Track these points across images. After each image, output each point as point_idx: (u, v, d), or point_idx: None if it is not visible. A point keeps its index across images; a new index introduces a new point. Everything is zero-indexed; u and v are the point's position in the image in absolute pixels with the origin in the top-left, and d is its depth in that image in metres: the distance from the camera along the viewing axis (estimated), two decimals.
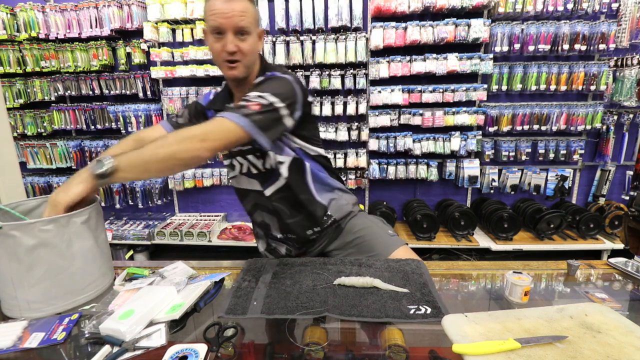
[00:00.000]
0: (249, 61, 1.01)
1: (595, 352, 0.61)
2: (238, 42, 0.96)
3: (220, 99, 1.14)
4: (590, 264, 1.03)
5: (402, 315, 0.75)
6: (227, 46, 0.95)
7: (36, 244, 0.76)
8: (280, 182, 1.10)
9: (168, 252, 3.13)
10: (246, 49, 0.97)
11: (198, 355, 0.64)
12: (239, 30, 0.95)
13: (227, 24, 0.94)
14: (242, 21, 0.94)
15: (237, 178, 1.19)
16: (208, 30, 0.99)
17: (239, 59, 0.98)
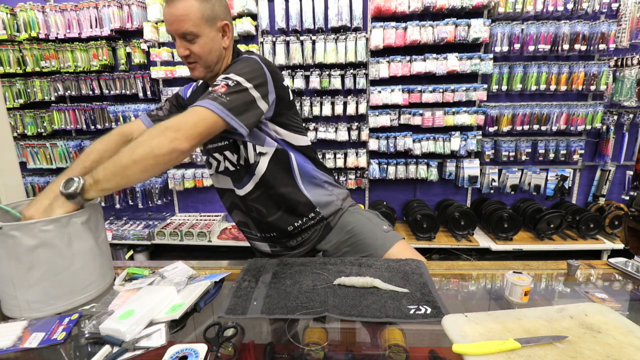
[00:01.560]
0: (206, 61, 0.99)
1: (595, 352, 0.61)
2: (188, 46, 0.96)
3: (198, 93, 1.13)
4: (590, 264, 1.03)
5: (402, 315, 0.75)
6: (179, 51, 0.97)
7: (36, 244, 0.76)
8: (255, 179, 1.06)
9: (168, 252, 3.13)
10: (197, 51, 0.96)
11: (198, 355, 0.64)
12: (184, 34, 0.94)
13: (172, 30, 0.95)
14: (184, 26, 0.93)
15: (214, 176, 1.17)
16: None
17: (195, 60, 0.98)
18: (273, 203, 1.11)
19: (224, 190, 1.17)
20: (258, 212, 1.12)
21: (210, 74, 1.03)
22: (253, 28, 2.68)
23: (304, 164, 1.12)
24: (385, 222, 1.21)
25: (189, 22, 0.92)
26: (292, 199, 1.10)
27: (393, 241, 1.11)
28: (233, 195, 1.14)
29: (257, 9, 2.68)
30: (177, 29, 0.93)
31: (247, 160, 1.04)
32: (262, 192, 1.09)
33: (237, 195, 1.12)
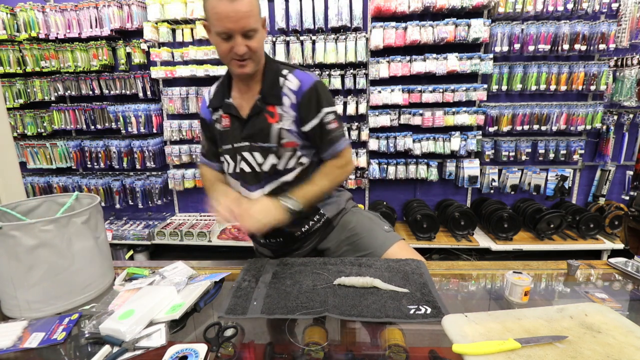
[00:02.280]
0: (259, 56, 1.00)
1: (595, 352, 0.61)
2: (247, 43, 0.94)
3: (219, 95, 1.13)
4: (590, 264, 1.03)
5: (402, 315, 0.75)
6: (237, 49, 0.93)
7: (36, 244, 0.76)
8: (275, 185, 1.09)
9: (168, 252, 3.13)
10: (254, 46, 0.96)
11: (198, 355, 0.64)
12: (248, 31, 0.92)
13: (236, 28, 0.91)
14: (250, 22, 0.91)
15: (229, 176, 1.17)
16: (212, 30, 0.95)
17: (249, 57, 0.97)
18: None
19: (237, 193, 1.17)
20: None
21: (256, 69, 1.03)
22: None
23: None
24: (386, 223, 1.23)
25: (252, 18, 0.92)
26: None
27: (393, 241, 1.12)
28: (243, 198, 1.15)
29: None
30: (243, 26, 0.91)
31: (275, 166, 1.08)
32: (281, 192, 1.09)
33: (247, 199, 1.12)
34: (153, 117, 2.91)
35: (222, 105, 1.10)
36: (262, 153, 1.07)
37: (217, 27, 0.92)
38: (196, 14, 2.66)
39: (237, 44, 0.93)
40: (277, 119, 1.05)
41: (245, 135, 1.07)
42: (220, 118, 1.12)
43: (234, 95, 1.10)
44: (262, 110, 1.05)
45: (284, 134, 1.05)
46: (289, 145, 1.06)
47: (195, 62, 2.77)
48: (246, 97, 1.08)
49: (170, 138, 2.95)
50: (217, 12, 0.90)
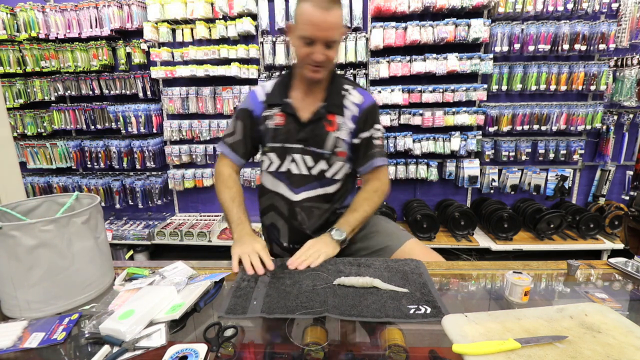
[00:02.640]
0: (332, 65, 1.08)
1: (595, 352, 0.61)
2: (327, 52, 1.00)
3: (277, 93, 1.16)
4: (590, 264, 1.03)
5: (402, 315, 0.75)
6: (316, 55, 0.99)
7: (36, 244, 0.76)
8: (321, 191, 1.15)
9: (168, 252, 3.13)
10: (332, 56, 1.02)
11: (198, 355, 0.64)
12: (332, 42, 0.99)
13: (322, 36, 0.97)
14: (336, 34, 0.99)
15: (265, 174, 1.20)
16: (296, 33, 1.01)
17: (324, 65, 1.03)
18: (320, 214, 1.18)
19: (269, 190, 1.20)
20: (301, 220, 1.17)
21: (325, 76, 1.09)
22: (253, 28, 2.68)
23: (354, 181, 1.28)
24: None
25: (338, 31, 0.99)
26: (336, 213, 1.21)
27: (408, 237, 1.17)
28: (280, 198, 1.18)
29: (257, 9, 2.68)
30: (329, 36, 0.97)
31: (324, 173, 1.14)
32: (317, 202, 1.16)
33: (286, 199, 1.16)
34: (153, 117, 2.91)
35: (281, 103, 1.13)
36: (313, 157, 1.12)
37: (304, 31, 0.97)
38: (196, 14, 2.66)
39: (318, 51, 0.99)
40: (335, 127, 1.11)
41: (301, 138, 1.11)
42: (273, 115, 1.14)
43: (294, 97, 1.14)
44: (322, 118, 1.11)
45: (339, 143, 1.12)
46: (341, 155, 1.13)
47: (195, 62, 2.77)
48: (307, 101, 1.13)
49: (170, 138, 2.95)
50: (308, 18, 0.96)
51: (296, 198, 1.15)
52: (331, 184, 1.16)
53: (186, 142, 2.99)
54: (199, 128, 2.90)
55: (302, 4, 0.98)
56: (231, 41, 2.80)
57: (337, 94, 1.13)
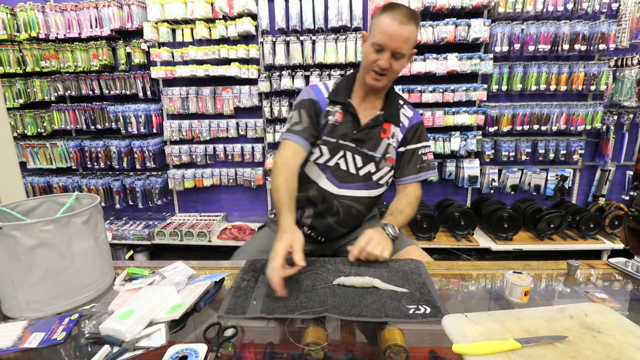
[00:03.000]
0: (394, 77, 1.13)
1: (595, 352, 0.61)
2: (392, 62, 1.06)
3: (342, 92, 1.22)
4: (590, 264, 1.03)
5: (401, 315, 0.75)
6: (381, 62, 1.06)
7: (36, 244, 0.76)
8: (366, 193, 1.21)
9: (168, 252, 3.13)
10: (396, 68, 1.08)
11: (198, 355, 0.64)
12: (398, 53, 1.05)
13: (390, 46, 1.03)
14: (404, 47, 1.04)
15: (311, 165, 1.21)
16: (369, 41, 1.08)
17: (387, 74, 1.09)
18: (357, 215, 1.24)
19: (310, 180, 1.22)
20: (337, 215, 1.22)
21: (384, 87, 1.16)
22: (253, 28, 2.68)
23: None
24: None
25: (408, 44, 1.05)
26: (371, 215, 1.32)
27: (410, 243, 1.21)
28: (318, 189, 1.20)
29: (257, 9, 2.68)
30: (398, 47, 1.04)
31: (370, 175, 1.20)
32: (357, 203, 1.21)
33: (327, 191, 1.19)
34: (153, 117, 2.92)
35: (344, 102, 1.19)
36: (363, 159, 1.18)
37: (377, 38, 1.05)
38: (196, 14, 2.66)
39: (384, 58, 1.05)
40: (389, 135, 1.20)
41: (357, 138, 1.18)
42: (335, 112, 1.20)
43: (354, 100, 1.21)
44: (379, 124, 1.19)
45: (390, 150, 1.20)
46: (390, 161, 1.22)
47: (195, 62, 2.77)
48: (365, 107, 1.21)
49: (170, 138, 2.95)
50: (384, 27, 1.03)
51: (338, 192, 1.19)
52: (375, 187, 1.22)
53: (186, 142, 2.99)
54: (199, 128, 2.91)
55: (383, 14, 1.05)
56: (231, 41, 2.80)
57: (394, 105, 1.22)
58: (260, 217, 3.15)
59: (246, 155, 2.96)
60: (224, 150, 2.98)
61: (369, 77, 1.11)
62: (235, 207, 3.20)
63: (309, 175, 1.22)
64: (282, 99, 2.76)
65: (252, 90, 2.80)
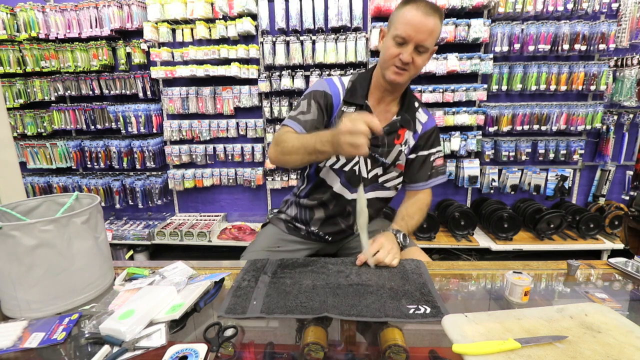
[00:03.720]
0: (415, 73, 1.07)
1: (595, 352, 0.61)
2: (415, 56, 1.01)
3: (358, 94, 1.15)
4: (590, 264, 1.03)
5: (401, 315, 0.75)
6: (403, 55, 1.00)
7: (36, 244, 0.76)
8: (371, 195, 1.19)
9: (168, 252, 3.13)
10: (419, 63, 1.03)
11: (198, 355, 0.64)
12: (422, 46, 1.00)
13: (414, 37, 0.98)
14: (428, 39, 0.99)
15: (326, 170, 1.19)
16: (389, 34, 1.02)
17: (408, 69, 1.03)
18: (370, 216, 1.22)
19: (328, 187, 1.20)
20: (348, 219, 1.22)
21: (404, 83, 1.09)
22: (253, 28, 2.68)
23: None
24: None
25: (432, 37, 1.00)
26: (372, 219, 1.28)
27: (411, 244, 1.19)
28: (332, 193, 1.20)
29: (257, 9, 2.68)
30: (422, 40, 0.98)
31: (377, 177, 1.18)
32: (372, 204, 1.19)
33: (341, 196, 1.19)
34: (153, 117, 2.92)
35: (362, 104, 1.13)
36: (372, 162, 1.16)
37: (399, 30, 0.99)
38: (196, 14, 2.66)
39: (407, 51, 1.00)
40: (402, 141, 1.16)
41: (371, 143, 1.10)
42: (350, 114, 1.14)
43: (370, 101, 1.15)
44: (395, 130, 1.14)
45: (401, 157, 1.16)
46: (399, 167, 1.18)
47: (195, 62, 2.77)
48: (381, 110, 1.15)
49: (170, 138, 2.95)
50: (407, 18, 0.98)
51: (351, 197, 1.18)
52: (382, 189, 1.20)
53: (186, 142, 2.99)
54: (199, 128, 2.91)
55: (406, 6, 1.00)
56: (231, 41, 2.80)
57: (411, 109, 1.17)
58: (261, 217, 3.15)
59: (246, 155, 2.96)
60: (224, 150, 2.98)
61: (390, 72, 1.04)
62: (235, 207, 3.20)
63: (326, 181, 1.20)
64: (282, 99, 2.76)
65: (252, 90, 2.80)
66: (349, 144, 0.81)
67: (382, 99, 1.15)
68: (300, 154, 0.95)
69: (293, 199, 1.33)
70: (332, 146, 0.86)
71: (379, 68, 1.11)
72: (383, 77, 1.08)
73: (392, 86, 1.09)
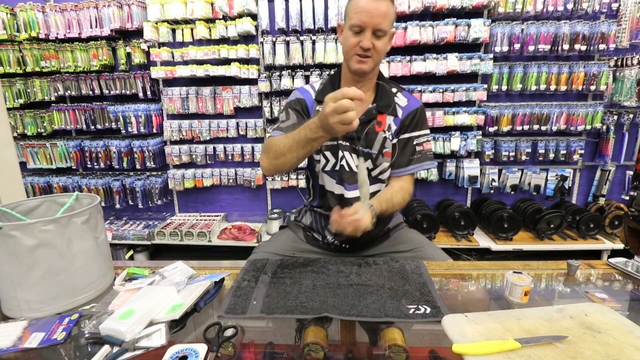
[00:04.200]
0: (379, 58, 1.08)
1: (595, 352, 0.61)
2: (374, 40, 1.03)
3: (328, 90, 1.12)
4: (590, 264, 1.03)
5: (401, 315, 0.75)
6: (363, 42, 1.02)
7: (36, 244, 0.76)
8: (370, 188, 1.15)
9: (168, 252, 3.13)
10: (380, 47, 1.04)
11: (198, 355, 0.64)
12: (378, 30, 1.01)
13: (369, 23, 1.00)
14: (384, 22, 1.01)
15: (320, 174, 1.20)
16: (346, 26, 1.06)
17: (371, 55, 1.04)
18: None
19: (329, 192, 1.20)
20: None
21: (371, 71, 1.09)
22: (253, 28, 2.68)
23: None
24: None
25: (387, 20, 1.02)
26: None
27: (446, 256, 1.19)
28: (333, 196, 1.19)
29: (257, 9, 2.68)
30: (377, 24, 1.00)
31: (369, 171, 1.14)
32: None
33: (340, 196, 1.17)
34: (153, 117, 2.92)
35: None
36: (359, 156, 1.12)
37: (353, 20, 1.01)
38: (196, 14, 2.66)
39: (366, 38, 1.01)
40: (384, 127, 1.14)
41: (350, 136, 1.12)
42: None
43: None
44: (373, 118, 1.13)
45: (387, 144, 1.14)
46: (387, 155, 1.15)
47: (195, 62, 2.77)
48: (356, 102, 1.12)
49: (170, 138, 2.95)
50: (359, 6, 1.00)
51: (349, 195, 1.16)
52: (376, 182, 1.18)
53: (186, 142, 2.99)
54: (199, 128, 2.91)
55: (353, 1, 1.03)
56: (231, 41, 2.80)
57: (387, 95, 1.16)
58: (260, 217, 3.15)
59: (246, 155, 2.96)
60: (224, 150, 2.98)
61: (354, 62, 1.06)
62: (235, 207, 3.20)
63: (324, 186, 1.20)
64: (282, 99, 2.76)
65: (252, 90, 2.80)
66: (338, 123, 0.81)
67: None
68: (293, 150, 0.95)
69: (307, 207, 1.33)
70: (323, 130, 0.87)
71: (344, 62, 1.12)
72: (349, 69, 1.10)
73: (360, 75, 1.10)
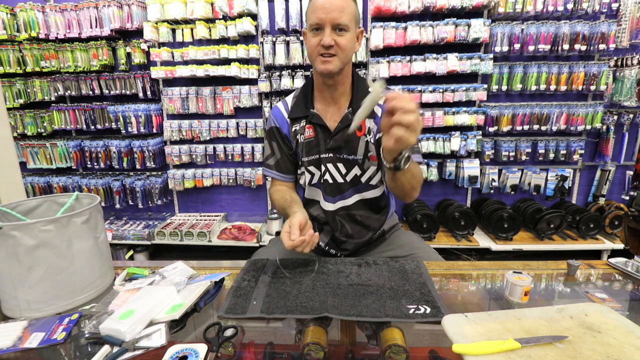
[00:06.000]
0: (345, 57, 1.01)
1: (595, 352, 0.61)
2: (335, 37, 0.98)
3: (301, 105, 1.14)
4: (590, 264, 1.03)
5: (401, 315, 0.75)
6: (324, 40, 0.97)
7: (36, 244, 0.76)
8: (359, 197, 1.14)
9: (168, 252, 3.13)
10: (343, 44, 0.99)
11: (198, 355, 0.64)
12: (337, 25, 0.97)
13: (327, 19, 0.96)
14: (342, 17, 0.97)
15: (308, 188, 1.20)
16: (307, 29, 1.02)
17: (334, 53, 0.99)
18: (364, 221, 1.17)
19: (316, 202, 1.20)
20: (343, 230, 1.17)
21: (339, 72, 1.04)
22: (253, 28, 2.68)
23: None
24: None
25: (346, 14, 0.97)
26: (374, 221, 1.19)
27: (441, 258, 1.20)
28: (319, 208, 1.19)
29: (257, 9, 2.68)
30: (335, 18, 0.96)
31: (358, 178, 1.12)
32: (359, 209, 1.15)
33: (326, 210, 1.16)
34: (153, 117, 2.91)
35: (306, 115, 1.11)
36: (346, 165, 1.10)
37: (311, 19, 0.98)
38: (196, 14, 2.66)
39: (326, 34, 0.97)
40: (364, 131, 1.08)
41: (332, 147, 1.09)
42: (303, 128, 1.12)
43: (317, 107, 1.12)
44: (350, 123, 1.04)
45: (370, 147, 1.09)
46: (373, 159, 1.10)
47: (195, 62, 2.77)
48: (332, 109, 1.11)
49: (170, 138, 2.95)
50: (315, 5, 0.98)
51: (334, 208, 1.15)
52: (367, 189, 1.14)
53: (186, 142, 3.00)
54: (199, 128, 2.91)
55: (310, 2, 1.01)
56: (231, 41, 2.80)
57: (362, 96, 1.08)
58: (260, 217, 3.15)
59: (246, 155, 2.96)
60: (224, 150, 2.98)
61: (318, 63, 1.00)
62: (235, 207, 3.20)
63: (312, 198, 1.20)
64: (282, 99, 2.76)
65: (252, 90, 2.80)
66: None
67: (331, 99, 1.10)
68: (283, 214, 1.08)
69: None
70: None
71: (313, 68, 1.09)
72: (317, 72, 1.05)
73: (328, 77, 1.04)
